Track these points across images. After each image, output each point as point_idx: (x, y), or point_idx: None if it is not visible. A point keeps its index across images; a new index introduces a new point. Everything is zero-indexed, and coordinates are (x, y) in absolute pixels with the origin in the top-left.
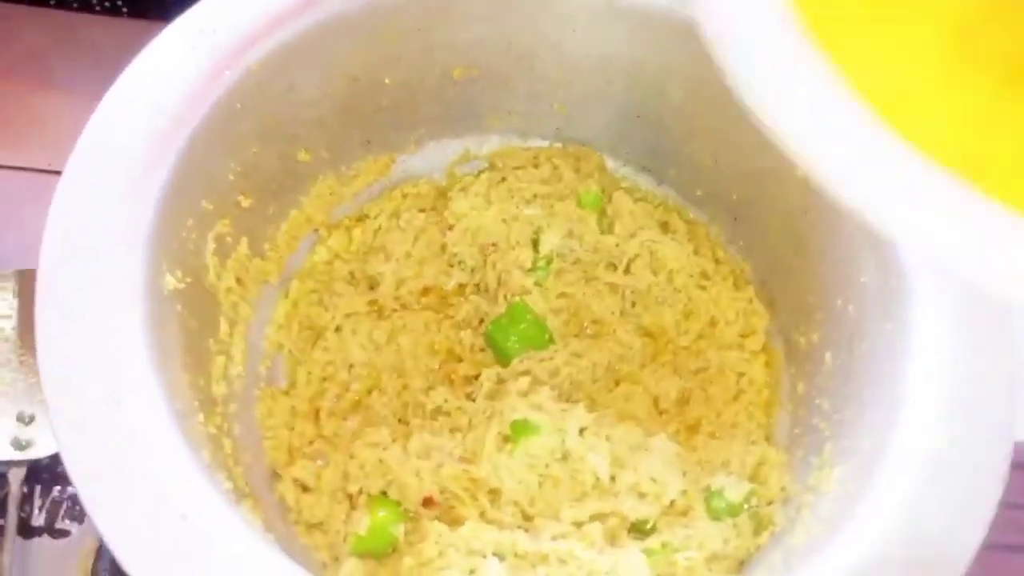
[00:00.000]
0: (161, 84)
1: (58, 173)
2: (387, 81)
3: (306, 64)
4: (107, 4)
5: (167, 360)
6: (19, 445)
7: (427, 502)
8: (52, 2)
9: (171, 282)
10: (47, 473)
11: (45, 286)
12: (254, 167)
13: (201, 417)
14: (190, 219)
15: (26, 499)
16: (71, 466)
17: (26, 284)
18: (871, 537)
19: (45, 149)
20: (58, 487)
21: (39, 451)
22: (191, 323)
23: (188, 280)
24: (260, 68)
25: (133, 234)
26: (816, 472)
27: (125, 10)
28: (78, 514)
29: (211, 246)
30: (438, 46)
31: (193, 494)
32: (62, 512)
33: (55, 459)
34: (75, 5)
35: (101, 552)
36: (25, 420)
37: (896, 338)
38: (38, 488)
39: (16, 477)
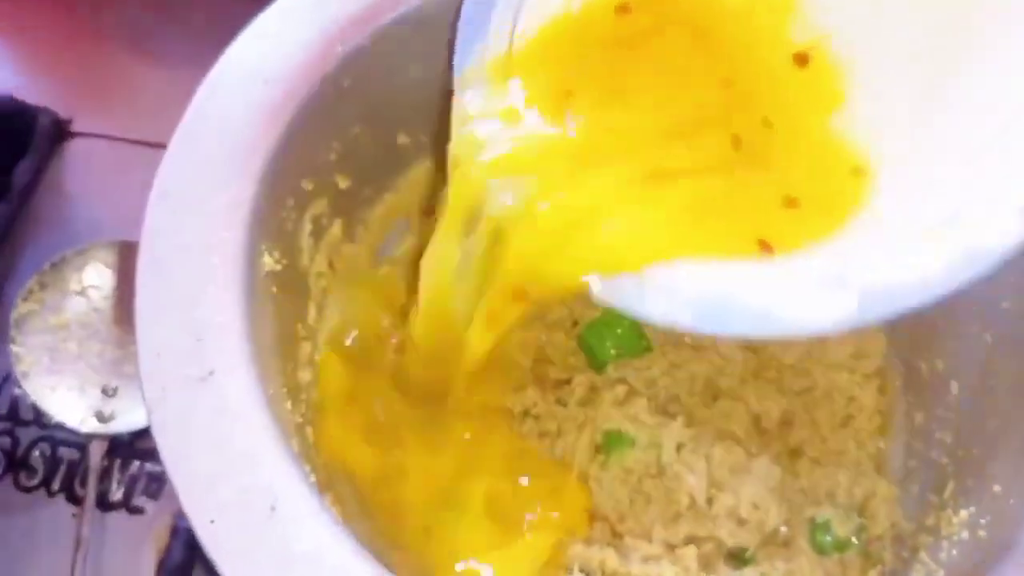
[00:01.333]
0: (274, 55)
1: (149, 144)
2: None
3: (418, 43)
4: None
5: (261, 342)
6: (102, 418)
7: None
8: None
9: (268, 262)
10: (127, 448)
11: (147, 258)
12: (354, 148)
13: (289, 404)
14: (291, 198)
15: (105, 473)
16: (161, 442)
17: (125, 256)
18: None
19: (136, 119)
20: (137, 462)
21: (121, 425)
22: (284, 306)
23: (284, 262)
24: (372, 46)
25: (236, 211)
26: (936, 512)
27: None
28: (154, 491)
29: (307, 227)
30: None
31: (284, 484)
32: (139, 489)
33: (135, 435)
34: None
35: (176, 531)
36: (109, 392)
37: None
38: (118, 462)
39: (97, 450)
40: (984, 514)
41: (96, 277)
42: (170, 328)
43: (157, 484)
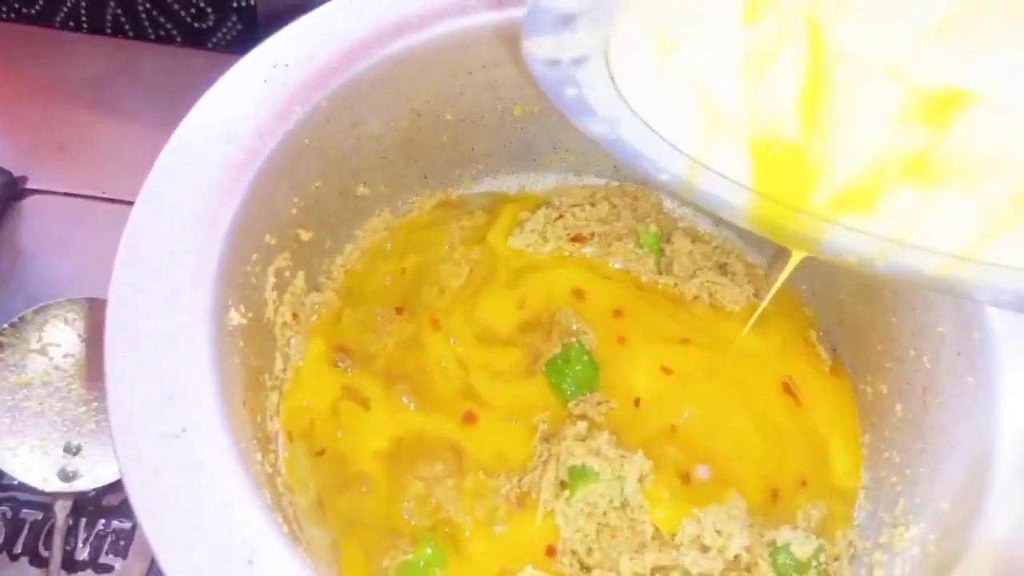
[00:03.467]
0: (236, 116)
1: (105, 199)
2: (449, 117)
3: (373, 99)
4: (161, 33)
5: (231, 396)
6: (66, 476)
7: None
8: (108, 30)
9: (235, 317)
10: (92, 506)
11: (115, 318)
12: (315, 201)
13: (259, 456)
14: (255, 253)
15: (71, 532)
16: (136, 500)
17: (86, 313)
18: None
19: (90, 174)
20: (103, 520)
21: (86, 483)
22: (251, 358)
23: (250, 315)
24: (329, 104)
25: (203, 267)
26: (889, 529)
27: (179, 39)
28: (122, 549)
29: (271, 280)
30: (501, 82)
31: (259, 537)
32: (106, 547)
33: (100, 492)
34: (131, 34)
35: None
36: (72, 450)
37: (979, 394)
38: (83, 521)
39: (62, 509)
40: (932, 530)
41: (56, 335)
42: (140, 386)
43: (125, 541)
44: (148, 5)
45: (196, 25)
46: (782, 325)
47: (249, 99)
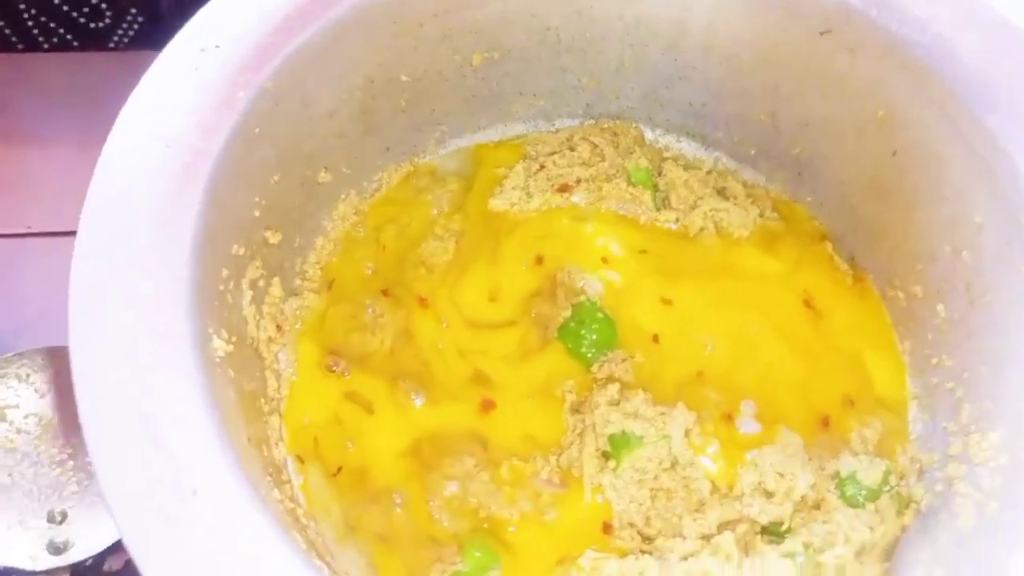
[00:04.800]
0: (170, 116)
1: (40, 235)
2: (404, 78)
3: (320, 72)
4: (55, 40)
5: (235, 435)
6: (56, 549)
7: None
8: None
9: (220, 346)
10: (92, 573)
11: (82, 365)
12: (277, 197)
13: (276, 493)
14: (224, 268)
15: None
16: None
17: (42, 366)
18: None
19: (17, 209)
20: None
21: (80, 552)
22: (243, 386)
23: (234, 340)
24: (274, 85)
25: (173, 294)
26: (960, 439)
27: (76, 44)
28: None
29: (247, 295)
30: (456, 31)
31: None
32: None
33: (99, 559)
34: (20, 47)
35: None
36: (57, 519)
37: None
38: None
39: None
40: (1018, 435)
41: (11, 396)
42: (130, 444)
43: None
44: (33, 11)
45: (92, 25)
46: (793, 242)
47: (183, 92)
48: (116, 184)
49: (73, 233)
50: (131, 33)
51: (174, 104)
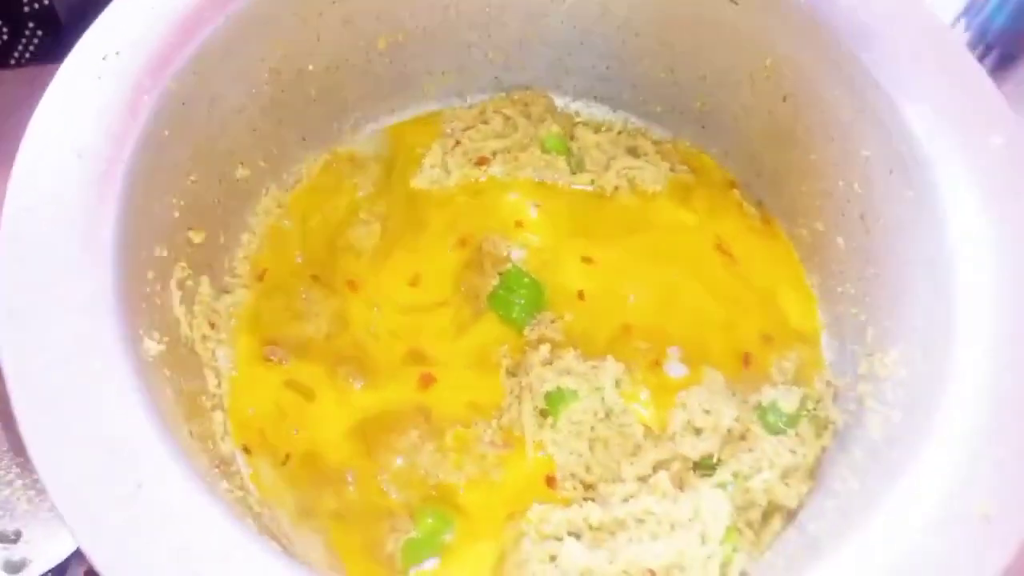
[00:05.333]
0: (80, 124)
1: None
2: (311, 67)
3: (225, 69)
4: None
5: (175, 431)
6: (13, 567)
7: None
8: None
9: (151, 346)
10: None
11: (18, 383)
12: (196, 197)
13: (226, 484)
14: (149, 271)
15: None
16: None
17: None
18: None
19: None
20: None
21: (39, 567)
22: (181, 385)
23: (166, 339)
24: (179, 85)
25: (99, 302)
26: (866, 359)
27: None
28: None
29: (176, 295)
30: (357, 16)
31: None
32: None
33: (58, 570)
34: None
35: None
36: (11, 538)
37: (921, 205)
38: None
39: None
40: (914, 349)
41: None
42: (73, 451)
43: None
44: None
45: None
46: (704, 193)
47: (88, 101)
48: (31, 198)
49: None
50: (32, 48)
51: (81, 114)
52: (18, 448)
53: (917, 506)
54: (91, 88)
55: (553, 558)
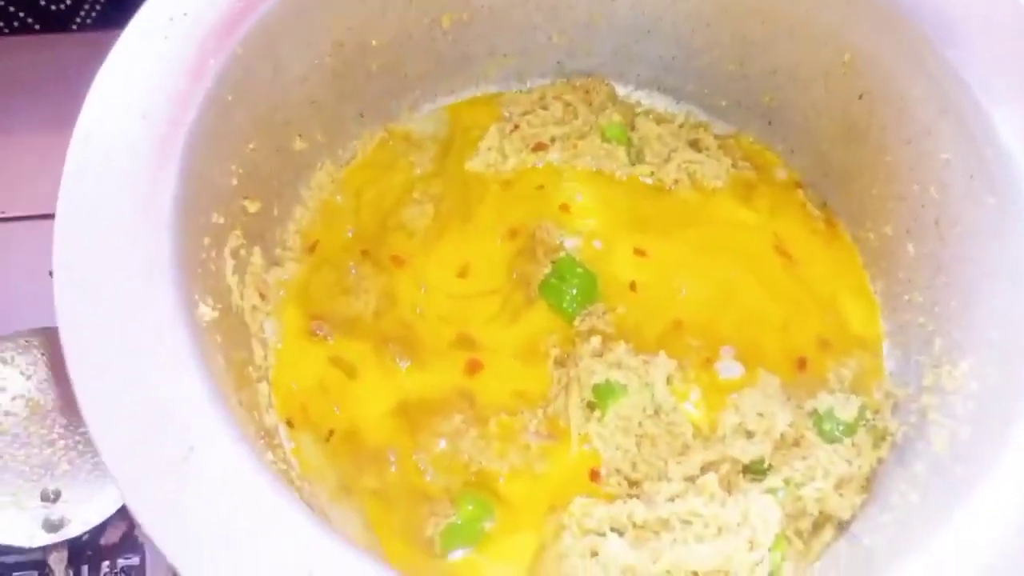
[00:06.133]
0: (144, 85)
1: (10, 219)
2: (374, 43)
3: (290, 38)
4: (16, 24)
5: (227, 399)
6: (52, 527)
7: None
8: None
9: (206, 312)
10: (91, 550)
11: (74, 343)
12: (254, 166)
13: (271, 455)
14: (206, 237)
15: None
16: (164, 545)
17: (26, 347)
18: None
19: None
20: (107, 562)
21: (77, 528)
22: (231, 354)
23: (219, 307)
24: (244, 51)
25: (157, 265)
26: (931, 371)
27: (38, 27)
28: None
29: (230, 263)
30: None
31: (318, 546)
32: None
33: (95, 533)
34: None
35: None
36: (51, 497)
37: (1005, 212)
38: (85, 568)
39: (58, 561)
40: (987, 362)
41: None
42: (126, 413)
43: None
44: None
45: (52, 7)
46: (767, 191)
47: (154, 63)
48: (91, 161)
49: (47, 216)
50: (94, 14)
51: (145, 75)
52: (65, 408)
53: (991, 523)
54: (157, 48)
55: (594, 553)
